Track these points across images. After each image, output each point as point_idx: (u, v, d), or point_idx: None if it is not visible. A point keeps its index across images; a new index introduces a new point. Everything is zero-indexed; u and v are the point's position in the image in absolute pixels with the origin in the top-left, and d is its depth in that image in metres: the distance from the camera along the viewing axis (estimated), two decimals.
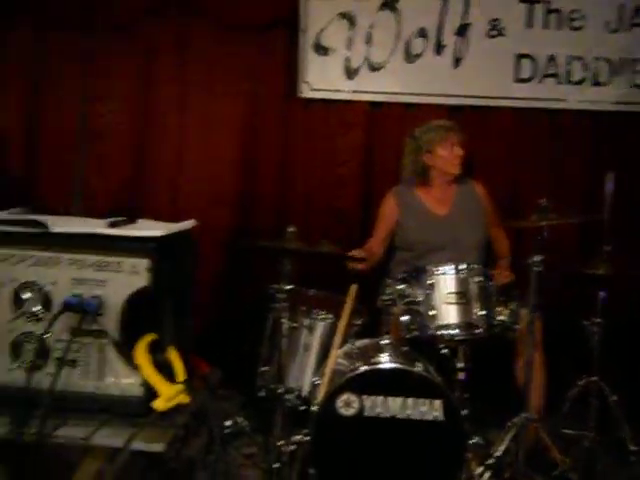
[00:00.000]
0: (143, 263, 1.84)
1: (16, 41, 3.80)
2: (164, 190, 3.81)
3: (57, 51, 3.81)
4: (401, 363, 2.64)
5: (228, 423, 3.01)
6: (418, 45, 3.75)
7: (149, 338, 1.85)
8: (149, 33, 3.81)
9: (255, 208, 3.84)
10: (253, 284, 3.55)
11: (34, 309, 1.87)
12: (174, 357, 1.92)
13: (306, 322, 3.05)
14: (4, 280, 1.88)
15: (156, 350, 1.86)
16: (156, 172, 3.83)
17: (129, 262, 1.85)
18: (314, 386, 2.88)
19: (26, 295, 1.87)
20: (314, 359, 3.02)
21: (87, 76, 3.80)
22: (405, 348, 2.78)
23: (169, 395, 1.82)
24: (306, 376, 3.01)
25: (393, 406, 2.54)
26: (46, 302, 1.86)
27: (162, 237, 1.88)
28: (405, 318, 2.80)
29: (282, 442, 2.80)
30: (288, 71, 3.81)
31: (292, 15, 3.76)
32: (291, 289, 2.93)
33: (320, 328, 3.05)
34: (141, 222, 2.06)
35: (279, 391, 2.88)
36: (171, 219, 2.28)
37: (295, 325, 3.01)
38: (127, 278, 1.85)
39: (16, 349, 1.88)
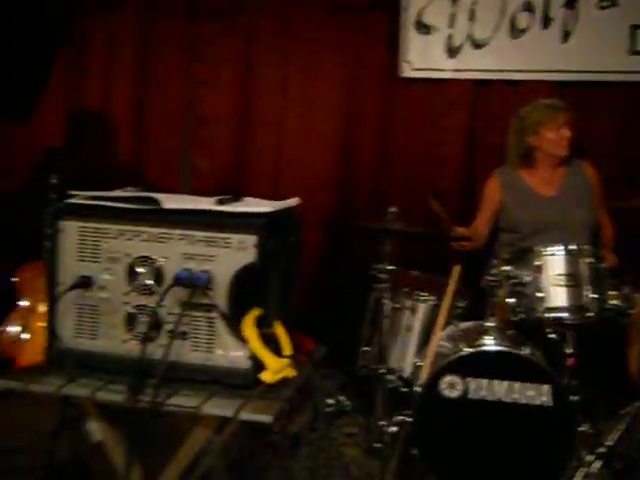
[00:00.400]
0: (251, 239, 1.86)
1: (123, 29, 3.96)
2: (266, 172, 3.88)
3: (162, 38, 3.95)
4: (507, 346, 2.57)
5: (330, 401, 3.04)
6: (523, 20, 3.62)
7: (256, 313, 1.87)
8: (250, 18, 3.87)
9: (355, 189, 3.84)
10: (354, 265, 3.56)
11: (147, 283, 1.93)
12: (280, 332, 1.94)
13: (408, 303, 3.03)
14: (119, 255, 1.95)
15: (262, 325, 1.89)
16: (258, 155, 3.90)
17: (237, 238, 1.87)
18: (416, 367, 2.87)
19: (140, 269, 1.93)
20: (416, 340, 3.01)
21: (191, 61, 3.91)
22: (511, 331, 2.71)
23: (276, 368, 1.85)
24: (408, 357, 3.00)
25: (499, 390, 2.48)
26: (158, 276, 1.92)
27: (269, 214, 1.90)
28: (511, 300, 2.72)
29: (384, 422, 2.80)
30: (389, 51, 3.77)
31: None
32: (393, 270, 2.93)
33: (422, 309, 3.03)
34: (247, 200, 2.09)
35: (381, 371, 2.88)
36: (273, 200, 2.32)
37: (397, 306, 3.00)
38: (235, 254, 1.87)
39: (130, 321, 1.95)
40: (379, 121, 3.80)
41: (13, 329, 3.28)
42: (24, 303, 3.34)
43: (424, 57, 3.72)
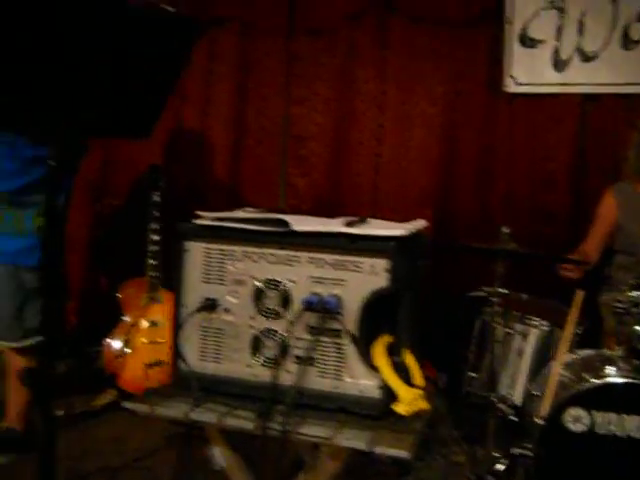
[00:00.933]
0: (382, 263, 1.79)
1: (222, 48, 3.97)
2: (363, 189, 3.81)
3: (260, 57, 3.95)
4: (637, 378, 2.41)
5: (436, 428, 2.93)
6: (637, 30, 3.46)
7: (386, 340, 1.80)
8: (348, 35, 3.84)
9: (456, 206, 3.73)
10: (456, 286, 3.44)
11: (274, 306, 1.88)
12: (410, 360, 1.86)
13: (519, 328, 2.91)
14: (246, 277, 1.91)
15: (393, 352, 1.81)
16: (356, 172, 3.83)
17: (368, 262, 1.80)
18: (529, 396, 2.73)
19: (267, 292, 1.89)
20: (527, 367, 2.88)
21: (289, 80, 3.89)
22: (637, 361, 2.54)
23: (409, 399, 1.76)
24: (518, 385, 2.86)
25: (629, 425, 2.33)
26: (285, 300, 1.87)
27: (402, 237, 1.82)
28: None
29: (496, 454, 2.68)
30: (491, 66, 3.67)
31: (496, 8, 3.62)
32: (504, 293, 2.81)
33: (534, 335, 2.90)
34: (372, 221, 2.02)
35: (492, 399, 2.77)
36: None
37: (508, 331, 2.88)
38: (366, 278, 1.80)
39: (255, 345, 1.90)
40: (481, 137, 3.69)
41: (116, 344, 3.32)
42: (127, 318, 3.37)
43: (529, 71, 3.60)
